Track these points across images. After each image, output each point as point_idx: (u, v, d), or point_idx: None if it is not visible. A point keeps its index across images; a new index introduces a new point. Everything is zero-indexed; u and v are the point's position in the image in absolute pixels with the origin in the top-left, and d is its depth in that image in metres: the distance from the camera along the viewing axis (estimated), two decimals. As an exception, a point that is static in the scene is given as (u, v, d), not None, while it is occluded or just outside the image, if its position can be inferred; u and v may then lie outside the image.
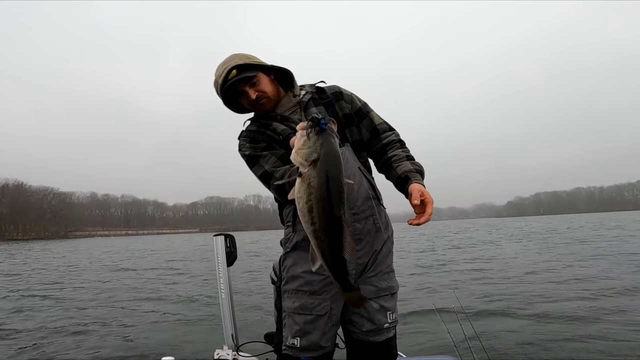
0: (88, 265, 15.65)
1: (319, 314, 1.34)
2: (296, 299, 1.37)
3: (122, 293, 8.17)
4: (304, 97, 1.49)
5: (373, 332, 1.37)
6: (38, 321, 5.74)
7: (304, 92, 1.51)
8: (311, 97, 1.50)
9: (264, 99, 1.45)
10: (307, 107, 1.48)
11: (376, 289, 1.38)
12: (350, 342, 1.43)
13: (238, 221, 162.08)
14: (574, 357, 3.51)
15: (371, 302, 1.36)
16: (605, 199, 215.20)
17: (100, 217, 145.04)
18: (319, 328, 1.34)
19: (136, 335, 4.86)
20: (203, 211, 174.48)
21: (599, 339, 3.86)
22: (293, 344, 1.35)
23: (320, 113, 1.44)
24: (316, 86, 1.54)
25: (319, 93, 1.52)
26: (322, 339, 1.34)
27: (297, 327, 1.35)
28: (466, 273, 8.91)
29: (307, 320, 1.34)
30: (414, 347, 3.85)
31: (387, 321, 1.39)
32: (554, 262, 9.97)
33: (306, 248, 1.36)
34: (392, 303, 1.42)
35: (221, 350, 2.22)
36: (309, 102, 1.49)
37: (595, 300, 5.55)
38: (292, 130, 1.41)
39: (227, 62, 1.45)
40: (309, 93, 1.51)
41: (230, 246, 2.35)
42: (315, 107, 1.47)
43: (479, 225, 49.97)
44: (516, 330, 4.29)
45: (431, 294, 6.66)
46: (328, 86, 1.55)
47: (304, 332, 1.34)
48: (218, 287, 2.32)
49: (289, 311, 1.39)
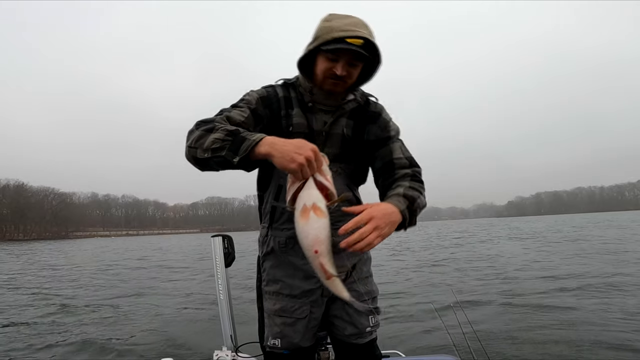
0: (88, 265, 15.66)
1: (299, 317, 1.33)
2: (276, 302, 1.36)
3: (120, 293, 8.17)
4: (348, 104, 1.33)
5: (355, 336, 1.36)
6: (29, 320, 5.75)
7: (353, 97, 1.35)
8: (355, 107, 1.35)
9: (341, 83, 1.26)
10: (341, 116, 1.33)
11: (357, 294, 1.35)
12: (335, 342, 1.43)
13: (239, 221, 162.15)
14: (573, 356, 3.51)
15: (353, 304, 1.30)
16: (606, 199, 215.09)
17: (101, 217, 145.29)
18: (299, 331, 1.33)
19: (135, 336, 4.86)
20: (204, 211, 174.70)
21: (600, 339, 3.86)
22: (274, 345, 1.35)
23: (347, 127, 1.32)
24: (367, 97, 1.39)
25: (364, 105, 1.37)
26: (302, 341, 1.34)
27: (277, 328, 1.34)
28: (465, 272, 8.92)
29: (286, 323, 1.33)
30: (413, 346, 3.86)
31: (370, 325, 1.37)
32: (555, 263, 9.97)
33: (284, 253, 1.35)
34: (374, 306, 1.41)
35: (220, 351, 2.21)
36: (347, 113, 1.34)
37: (598, 299, 5.55)
38: (306, 130, 1.30)
39: (357, 25, 1.19)
40: (356, 102, 1.35)
41: (228, 247, 2.35)
42: (346, 119, 1.34)
43: (481, 226, 49.98)
44: (515, 330, 4.30)
45: (430, 293, 6.67)
46: (375, 102, 1.41)
47: (284, 334, 1.33)
48: (216, 288, 2.32)
49: (269, 312, 1.38)
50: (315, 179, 1.06)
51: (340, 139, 1.33)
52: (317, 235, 1.05)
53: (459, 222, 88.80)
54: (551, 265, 9.35)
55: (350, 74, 1.24)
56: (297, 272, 1.35)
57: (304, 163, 1.02)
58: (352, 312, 1.35)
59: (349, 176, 1.37)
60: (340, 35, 1.17)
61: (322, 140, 1.31)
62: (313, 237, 1.05)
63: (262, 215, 1.44)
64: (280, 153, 1.03)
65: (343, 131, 1.33)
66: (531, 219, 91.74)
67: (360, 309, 1.25)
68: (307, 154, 1.02)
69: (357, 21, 1.20)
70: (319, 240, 1.05)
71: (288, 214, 1.28)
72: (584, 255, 11.21)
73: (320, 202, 1.05)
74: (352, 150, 1.35)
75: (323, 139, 1.32)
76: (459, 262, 10.95)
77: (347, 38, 1.16)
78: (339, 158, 1.33)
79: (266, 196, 1.41)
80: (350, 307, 1.32)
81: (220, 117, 1.18)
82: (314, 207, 1.04)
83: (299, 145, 1.04)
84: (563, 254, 11.66)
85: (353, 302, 1.11)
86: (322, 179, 1.07)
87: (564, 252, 12.31)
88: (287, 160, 1.02)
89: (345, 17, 1.21)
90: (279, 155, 1.03)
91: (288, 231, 1.33)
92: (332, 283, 1.09)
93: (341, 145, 1.33)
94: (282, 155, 1.03)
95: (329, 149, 1.30)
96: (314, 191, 1.05)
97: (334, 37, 1.17)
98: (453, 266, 10.16)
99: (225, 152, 1.07)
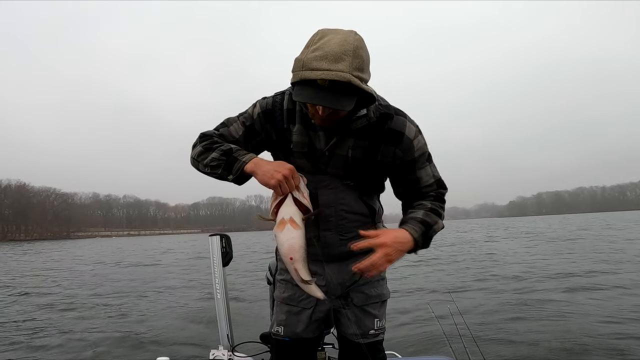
0: (89, 265, 15.69)
1: (305, 307, 1.38)
2: (285, 289, 1.42)
3: (116, 293, 8.19)
4: (358, 123, 1.21)
5: (358, 336, 1.37)
6: (29, 319, 5.77)
7: (364, 113, 1.20)
8: (365, 125, 1.22)
9: (331, 121, 1.17)
10: (348, 135, 1.23)
11: (365, 296, 1.39)
12: (340, 338, 1.46)
13: (240, 221, 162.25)
14: (571, 357, 3.51)
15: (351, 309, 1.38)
16: (607, 199, 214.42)
17: (103, 217, 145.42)
18: (303, 321, 1.38)
19: (131, 335, 4.88)
20: (205, 212, 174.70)
21: (601, 338, 3.86)
22: (277, 332, 1.41)
23: (354, 148, 1.24)
24: (383, 112, 1.23)
25: (381, 119, 1.23)
26: (304, 331, 1.38)
27: (282, 316, 1.41)
28: (463, 272, 8.91)
29: (292, 312, 1.39)
30: (409, 347, 3.87)
31: (374, 328, 1.39)
32: (554, 262, 9.95)
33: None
34: (381, 310, 1.42)
35: (216, 351, 2.22)
36: (355, 133, 1.22)
37: (599, 299, 5.55)
38: (305, 149, 1.27)
39: (327, 57, 1.02)
40: (367, 119, 1.21)
41: (226, 246, 2.36)
42: (354, 140, 1.23)
43: (483, 226, 49.94)
44: (512, 330, 4.30)
45: (426, 294, 6.67)
46: (395, 116, 1.24)
47: (288, 323, 1.39)
48: (213, 287, 2.33)
49: (277, 299, 1.44)
50: (294, 196, 1.22)
51: (343, 160, 1.26)
52: (292, 245, 1.21)
53: (460, 222, 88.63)
54: (552, 266, 9.34)
55: (336, 111, 1.11)
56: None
57: (281, 180, 1.16)
58: (357, 313, 1.38)
59: (361, 189, 1.33)
60: (304, 77, 1.05)
61: (324, 161, 1.27)
62: (288, 246, 1.22)
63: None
64: (262, 172, 1.20)
65: (348, 153, 1.25)
66: (534, 219, 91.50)
67: (330, 304, 1.36)
68: (284, 172, 1.16)
69: (332, 50, 1.03)
70: (293, 248, 1.21)
71: None
72: (585, 254, 11.18)
73: (296, 216, 1.21)
74: (361, 171, 1.28)
75: (325, 160, 1.27)
76: (457, 262, 10.95)
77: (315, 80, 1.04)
78: (346, 177, 1.29)
79: None
80: (356, 308, 1.38)
81: (217, 134, 1.34)
82: (291, 221, 1.21)
83: (278, 165, 1.21)
84: (562, 254, 11.63)
85: (326, 299, 1.28)
86: (299, 196, 1.22)
87: (563, 251, 12.28)
88: (267, 177, 1.18)
89: (325, 42, 1.05)
90: (260, 173, 1.20)
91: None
92: (306, 286, 1.25)
93: (345, 166, 1.27)
94: (264, 174, 1.19)
95: (332, 169, 1.28)
96: (292, 207, 1.22)
97: (302, 79, 1.05)
98: (450, 266, 10.16)
99: (220, 170, 1.26)
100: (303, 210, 1.22)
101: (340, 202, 1.30)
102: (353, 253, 1.19)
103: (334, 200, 1.29)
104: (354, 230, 1.28)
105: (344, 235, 1.33)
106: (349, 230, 1.32)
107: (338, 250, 1.34)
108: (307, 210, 1.23)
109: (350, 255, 1.26)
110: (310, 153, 1.28)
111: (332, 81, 1.02)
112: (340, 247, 1.33)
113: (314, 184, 1.27)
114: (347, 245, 1.22)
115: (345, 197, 1.30)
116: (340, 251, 1.34)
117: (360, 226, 1.28)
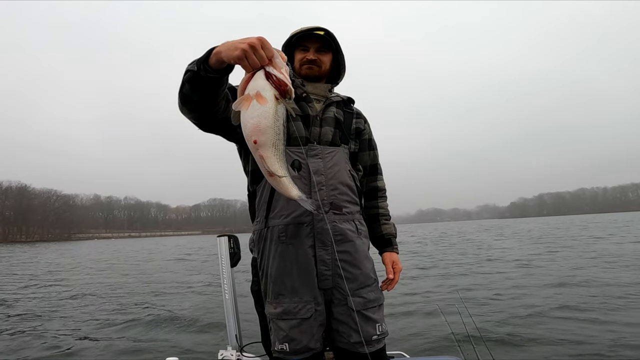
0: (94, 266, 15.70)
1: (304, 317, 1.30)
2: (277, 305, 1.33)
3: (126, 294, 8.19)
4: (334, 97, 1.53)
5: (361, 344, 1.30)
6: (35, 320, 5.76)
7: (336, 94, 1.56)
8: (339, 101, 1.54)
9: (315, 67, 1.47)
10: (329, 106, 1.50)
11: (364, 300, 1.35)
12: (338, 351, 1.38)
13: (241, 223, 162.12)
14: (578, 356, 3.49)
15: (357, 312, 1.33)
16: (609, 200, 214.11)
17: (104, 219, 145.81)
18: (306, 332, 1.30)
19: (140, 336, 4.87)
20: (206, 213, 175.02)
21: (606, 339, 3.84)
22: (282, 349, 1.31)
23: (337, 113, 1.50)
24: (348, 97, 1.60)
25: (346, 102, 1.58)
26: (311, 342, 1.31)
27: (283, 332, 1.31)
28: (470, 274, 8.89)
29: (292, 325, 1.30)
30: (418, 347, 3.85)
31: (376, 333, 1.34)
32: (560, 264, 9.92)
33: (284, 243, 1.33)
34: (380, 314, 1.39)
35: (225, 351, 2.22)
36: (335, 103, 1.51)
37: (604, 299, 5.52)
38: (302, 113, 1.43)
39: (318, 26, 1.49)
40: (340, 97, 1.55)
41: (234, 247, 2.35)
42: (336, 109, 1.51)
43: (485, 227, 49.80)
44: (521, 330, 4.28)
45: (435, 294, 6.64)
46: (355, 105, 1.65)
47: (291, 337, 1.30)
48: (222, 288, 2.32)
49: (271, 317, 1.35)
50: (267, 70, 1.00)
51: (334, 120, 1.47)
52: (256, 124, 0.97)
53: (461, 224, 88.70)
54: (556, 267, 9.31)
55: (321, 59, 1.47)
56: (295, 265, 1.32)
57: (246, 49, 0.99)
58: (358, 319, 1.30)
59: (347, 158, 1.49)
60: (305, 29, 1.46)
61: (318, 123, 1.44)
62: (252, 125, 0.98)
63: (257, 210, 1.42)
64: (226, 46, 1.03)
65: (335, 115, 1.48)
66: (535, 220, 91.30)
67: (305, 206, 1.15)
68: (250, 41, 1.00)
69: (319, 26, 1.48)
70: (258, 129, 0.97)
71: (285, 199, 1.25)
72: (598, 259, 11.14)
73: (265, 90, 0.98)
74: (346, 131, 1.51)
75: (319, 122, 1.45)
76: (463, 263, 10.92)
77: (310, 30, 1.45)
78: (338, 138, 1.46)
79: (259, 188, 1.41)
80: (357, 312, 1.31)
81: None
82: (257, 95, 0.97)
83: (245, 37, 1.04)
84: (570, 257, 11.60)
85: (301, 200, 1.10)
86: (274, 71, 1.00)
87: (571, 254, 12.25)
88: (231, 49, 1.01)
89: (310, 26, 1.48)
90: (224, 48, 1.03)
91: (286, 218, 1.34)
92: (275, 181, 1.03)
93: (335, 125, 1.47)
94: (228, 47, 1.03)
95: (325, 129, 1.44)
96: (261, 81, 0.99)
97: (298, 32, 1.47)
98: (458, 267, 10.13)
99: (190, 66, 1.11)
100: (282, 92, 1.00)
101: (329, 170, 1.39)
102: (344, 233, 1.38)
103: (324, 167, 1.38)
104: (347, 205, 1.42)
105: (333, 222, 1.36)
106: (340, 203, 1.39)
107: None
108: (289, 92, 1.01)
109: (342, 237, 1.38)
110: (306, 118, 1.43)
111: (326, 33, 1.45)
112: (333, 223, 1.36)
113: (304, 153, 1.36)
114: (342, 223, 1.39)
115: (333, 166, 1.40)
116: (334, 228, 1.36)
117: (349, 203, 1.42)
